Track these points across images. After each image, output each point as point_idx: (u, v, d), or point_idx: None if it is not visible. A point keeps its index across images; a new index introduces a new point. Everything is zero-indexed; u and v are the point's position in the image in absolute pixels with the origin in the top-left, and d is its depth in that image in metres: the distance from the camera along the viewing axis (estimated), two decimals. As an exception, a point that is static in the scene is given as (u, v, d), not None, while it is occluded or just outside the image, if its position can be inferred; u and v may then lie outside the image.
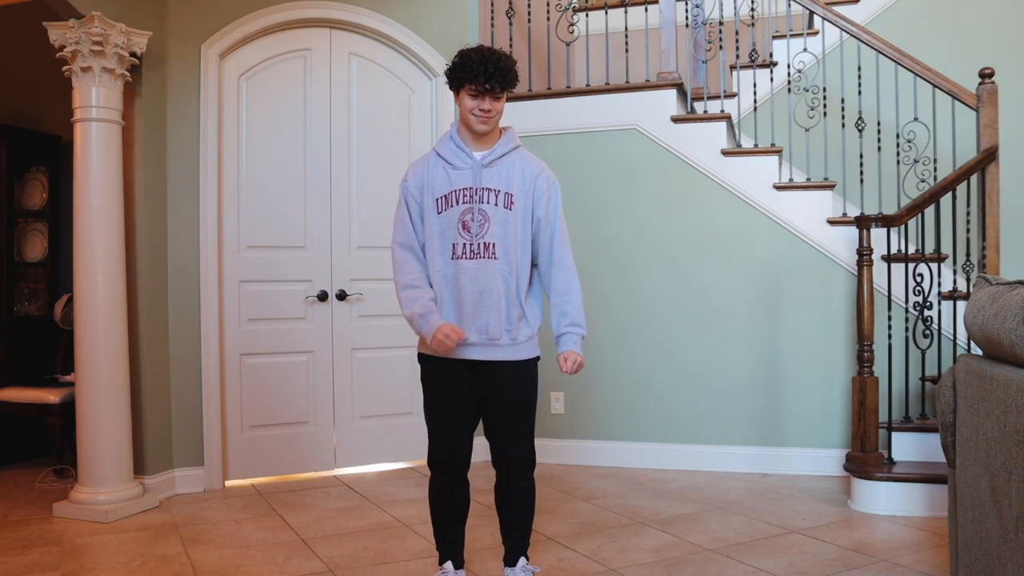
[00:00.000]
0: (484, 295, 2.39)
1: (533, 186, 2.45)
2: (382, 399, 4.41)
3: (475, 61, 2.34)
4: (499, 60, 2.36)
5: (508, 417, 2.48)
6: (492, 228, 2.39)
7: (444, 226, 2.42)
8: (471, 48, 2.41)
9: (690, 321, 4.30)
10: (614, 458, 4.38)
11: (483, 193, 2.40)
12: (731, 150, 4.26)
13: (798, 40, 4.66)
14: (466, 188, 2.41)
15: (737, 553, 2.97)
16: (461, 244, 2.40)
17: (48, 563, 2.91)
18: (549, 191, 2.48)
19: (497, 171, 2.43)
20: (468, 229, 2.40)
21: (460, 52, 2.41)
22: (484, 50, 2.39)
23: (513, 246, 2.41)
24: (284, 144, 4.20)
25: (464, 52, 2.40)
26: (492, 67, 2.33)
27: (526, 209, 2.44)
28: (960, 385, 2.22)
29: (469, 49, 2.41)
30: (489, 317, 2.40)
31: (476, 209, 2.40)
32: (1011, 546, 1.85)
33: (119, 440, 3.52)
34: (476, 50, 2.39)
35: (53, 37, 3.43)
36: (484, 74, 2.33)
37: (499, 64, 2.35)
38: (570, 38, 4.74)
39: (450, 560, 2.55)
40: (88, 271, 3.47)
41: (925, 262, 3.68)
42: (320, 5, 4.21)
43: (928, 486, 3.38)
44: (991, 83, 3.84)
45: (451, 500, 2.53)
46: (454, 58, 2.41)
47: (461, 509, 2.56)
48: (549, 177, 2.50)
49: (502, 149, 2.45)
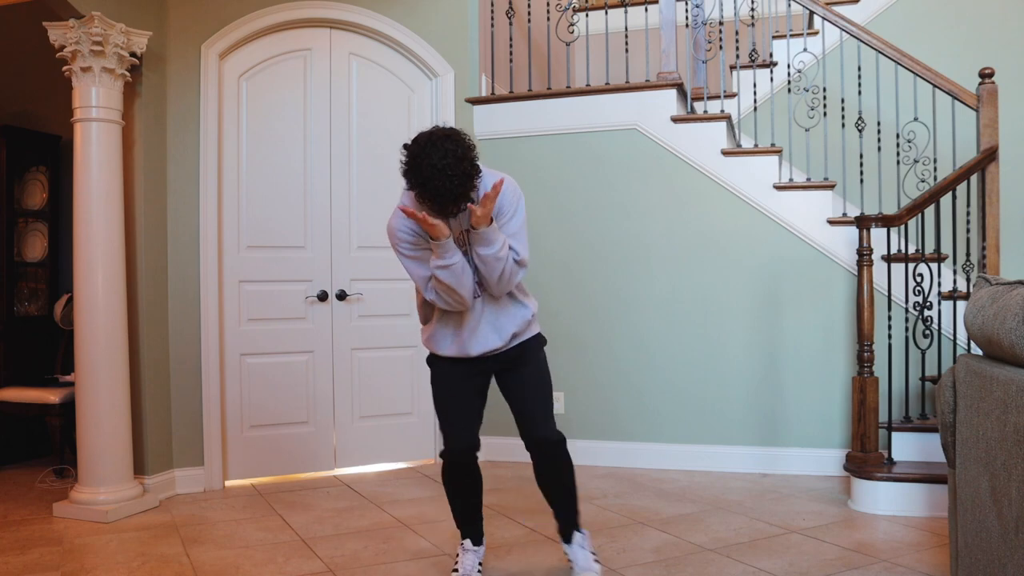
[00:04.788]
0: (481, 324, 2.50)
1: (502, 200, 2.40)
2: (382, 399, 4.41)
3: (428, 178, 2.11)
4: (455, 179, 2.10)
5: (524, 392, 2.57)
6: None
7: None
8: (420, 153, 2.14)
9: (690, 321, 4.30)
10: (614, 458, 4.38)
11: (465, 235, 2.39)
12: (731, 150, 4.26)
13: (798, 40, 4.67)
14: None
15: (737, 553, 2.97)
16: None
17: (48, 563, 2.91)
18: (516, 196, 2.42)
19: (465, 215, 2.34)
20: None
21: (413, 148, 2.16)
22: (436, 161, 2.11)
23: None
24: (284, 144, 4.20)
25: (417, 156, 2.14)
26: (447, 192, 2.12)
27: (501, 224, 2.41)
28: (960, 385, 2.22)
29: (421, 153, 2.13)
30: (489, 339, 2.51)
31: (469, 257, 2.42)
32: (1011, 546, 1.85)
33: (119, 440, 3.52)
34: (428, 164, 2.11)
35: (53, 37, 3.43)
36: (440, 201, 2.14)
37: (455, 189, 2.12)
38: (570, 38, 4.74)
39: (469, 538, 2.72)
40: (88, 271, 3.47)
41: (925, 262, 3.68)
42: (320, 5, 4.21)
43: (928, 486, 3.38)
44: (991, 83, 3.84)
45: (466, 481, 2.65)
46: (410, 148, 2.17)
47: (476, 489, 2.68)
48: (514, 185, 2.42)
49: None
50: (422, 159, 2.14)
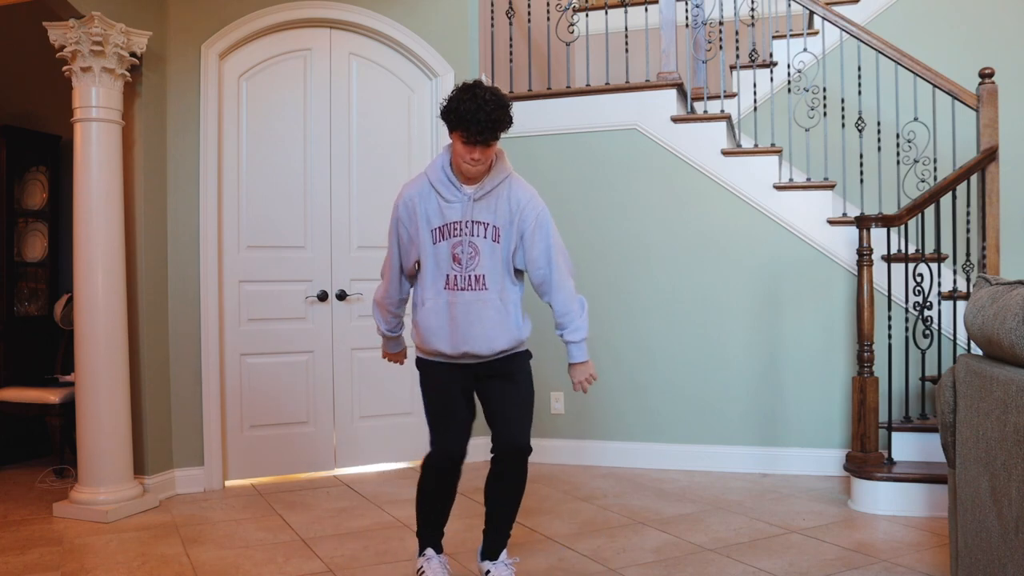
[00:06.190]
0: (475, 324, 2.48)
1: (520, 217, 2.49)
2: (382, 399, 4.41)
3: (469, 111, 2.29)
4: (492, 111, 2.30)
5: (505, 397, 2.56)
6: (481, 260, 2.47)
7: (438, 257, 2.49)
8: (466, 91, 2.33)
9: (690, 321, 4.29)
10: (614, 458, 4.38)
11: (473, 226, 2.46)
12: (731, 150, 4.26)
13: (798, 40, 4.66)
14: (456, 222, 2.47)
15: (737, 553, 2.97)
16: (453, 275, 2.49)
17: (48, 563, 2.91)
18: (536, 222, 2.50)
19: (486, 204, 2.48)
20: (459, 261, 2.48)
21: (456, 94, 2.34)
22: (479, 96, 2.31)
23: (500, 275, 2.50)
24: (284, 144, 4.20)
25: (459, 97, 2.33)
26: (484, 119, 2.28)
27: (510, 239, 2.49)
28: (960, 385, 2.22)
29: (464, 92, 2.33)
30: (482, 345, 2.49)
31: (466, 242, 2.46)
32: (1011, 546, 1.85)
33: (119, 440, 3.52)
34: (471, 96, 2.31)
35: (53, 37, 3.43)
36: (476, 125, 2.29)
37: (492, 115, 2.30)
38: (570, 38, 4.74)
39: (431, 547, 2.70)
40: (88, 271, 3.47)
41: (925, 262, 3.68)
42: (320, 5, 4.21)
43: (928, 486, 3.38)
44: (991, 83, 3.84)
45: (447, 490, 2.65)
46: (450, 95, 2.36)
47: (453, 495, 2.68)
48: (535, 206, 2.51)
49: (492, 183, 2.48)
50: (470, 91, 2.33)
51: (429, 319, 2.50)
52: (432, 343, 2.52)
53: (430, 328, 2.51)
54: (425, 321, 2.51)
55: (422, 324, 2.52)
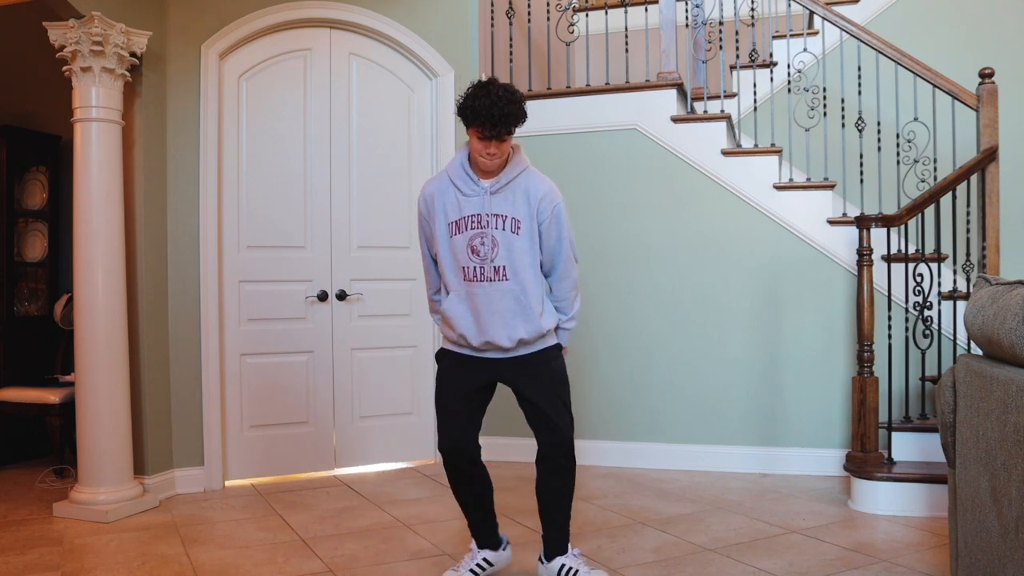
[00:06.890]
0: (497, 315, 2.54)
1: (537, 209, 2.55)
2: (382, 399, 4.41)
3: (483, 107, 2.37)
4: (505, 106, 2.38)
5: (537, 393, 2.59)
6: (501, 252, 2.52)
7: (457, 249, 2.55)
8: (481, 88, 2.42)
9: (690, 321, 4.29)
10: (614, 458, 4.38)
11: (491, 219, 2.52)
12: (731, 150, 4.26)
13: (798, 40, 4.67)
14: (475, 215, 2.53)
15: (737, 553, 2.97)
16: (472, 267, 2.55)
17: (48, 563, 2.91)
18: (552, 214, 2.57)
19: (504, 197, 2.53)
20: (478, 253, 2.53)
21: (471, 91, 2.43)
22: (492, 93, 2.39)
23: (522, 267, 2.54)
24: (284, 144, 4.20)
25: (474, 94, 2.41)
26: (498, 114, 2.37)
27: (532, 231, 2.56)
28: (960, 385, 2.22)
29: (479, 90, 2.42)
30: (501, 334, 2.54)
31: (485, 235, 2.52)
32: (1011, 546, 1.85)
33: (119, 440, 3.52)
34: (485, 93, 2.39)
35: (53, 37, 3.43)
36: (490, 120, 2.38)
37: (504, 111, 2.38)
38: (570, 38, 4.74)
39: (476, 540, 2.72)
40: (88, 271, 3.47)
41: (925, 262, 3.68)
42: (320, 5, 4.21)
43: (928, 486, 3.38)
44: (991, 83, 3.84)
45: (466, 482, 2.64)
46: (466, 92, 2.44)
47: (479, 491, 2.67)
48: (552, 200, 2.57)
49: (508, 176, 2.55)
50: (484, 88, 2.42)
51: (454, 307, 2.58)
52: (459, 327, 2.58)
53: (457, 315, 2.58)
54: (451, 310, 2.59)
55: (448, 312, 2.59)
